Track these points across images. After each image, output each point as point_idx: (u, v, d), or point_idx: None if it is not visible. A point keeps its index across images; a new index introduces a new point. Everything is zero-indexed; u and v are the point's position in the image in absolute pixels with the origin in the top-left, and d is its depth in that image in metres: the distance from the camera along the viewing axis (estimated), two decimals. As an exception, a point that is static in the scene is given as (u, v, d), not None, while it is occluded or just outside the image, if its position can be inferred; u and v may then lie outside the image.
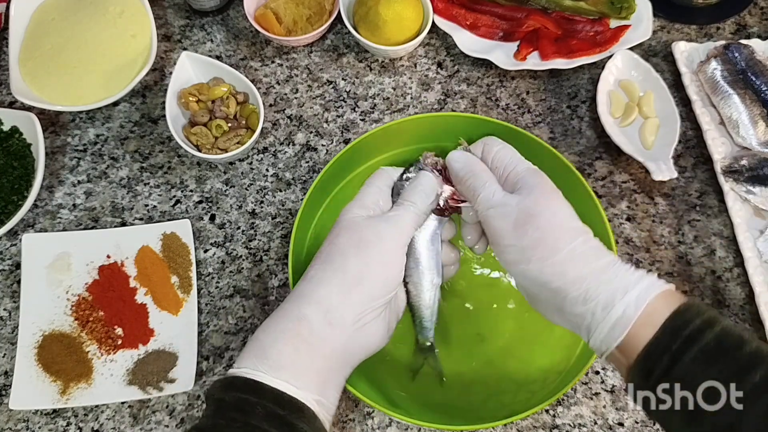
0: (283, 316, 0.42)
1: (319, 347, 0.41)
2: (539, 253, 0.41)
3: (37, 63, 0.69)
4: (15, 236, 0.67)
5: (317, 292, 0.42)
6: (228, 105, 0.69)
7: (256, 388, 0.39)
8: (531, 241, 0.41)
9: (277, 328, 0.42)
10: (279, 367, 0.40)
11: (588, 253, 0.41)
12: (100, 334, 0.61)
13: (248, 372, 0.40)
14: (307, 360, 0.40)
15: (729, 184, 0.67)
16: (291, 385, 0.39)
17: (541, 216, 0.41)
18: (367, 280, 0.42)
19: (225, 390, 0.39)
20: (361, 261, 0.43)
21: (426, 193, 0.47)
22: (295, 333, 0.41)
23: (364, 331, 0.43)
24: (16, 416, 0.59)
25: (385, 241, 0.44)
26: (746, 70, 0.70)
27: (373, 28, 0.72)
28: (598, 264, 0.40)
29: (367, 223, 0.45)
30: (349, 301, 0.42)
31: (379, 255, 0.43)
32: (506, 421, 0.52)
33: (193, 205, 0.69)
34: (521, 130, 0.59)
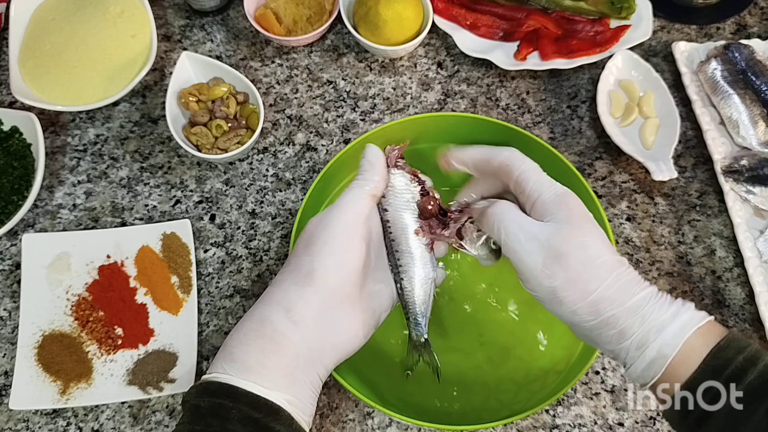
0: (248, 320, 0.43)
1: (284, 346, 0.41)
2: (571, 296, 0.39)
3: (37, 63, 0.69)
4: (15, 236, 0.67)
5: (275, 294, 0.43)
6: (228, 105, 0.69)
7: (230, 392, 0.39)
8: (562, 282, 0.39)
9: (242, 330, 0.42)
10: (247, 369, 0.40)
11: (622, 290, 0.39)
12: (100, 334, 0.61)
13: (218, 376, 0.40)
14: (275, 360, 0.40)
15: (729, 184, 0.67)
16: (260, 386, 0.39)
17: (571, 255, 0.39)
18: (318, 273, 0.42)
19: (200, 395, 0.40)
20: (308, 256, 0.43)
21: (370, 163, 0.46)
22: (259, 334, 0.41)
23: (330, 328, 0.42)
24: (16, 416, 0.59)
25: (328, 229, 0.43)
26: (746, 70, 0.70)
27: (373, 28, 0.72)
28: (633, 301, 0.38)
29: (314, 219, 0.45)
30: (306, 297, 0.42)
31: (325, 246, 0.43)
32: (506, 421, 0.52)
33: (193, 205, 0.69)
34: (521, 130, 0.59)
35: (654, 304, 0.38)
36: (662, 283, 0.65)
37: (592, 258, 0.39)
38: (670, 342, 0.37)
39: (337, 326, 0.43)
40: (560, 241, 0.40)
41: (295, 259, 0.44)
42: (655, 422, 0.59)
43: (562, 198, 0.42)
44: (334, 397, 0.60)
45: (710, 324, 0.38)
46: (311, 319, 0.42)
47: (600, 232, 0.41)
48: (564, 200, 0.41)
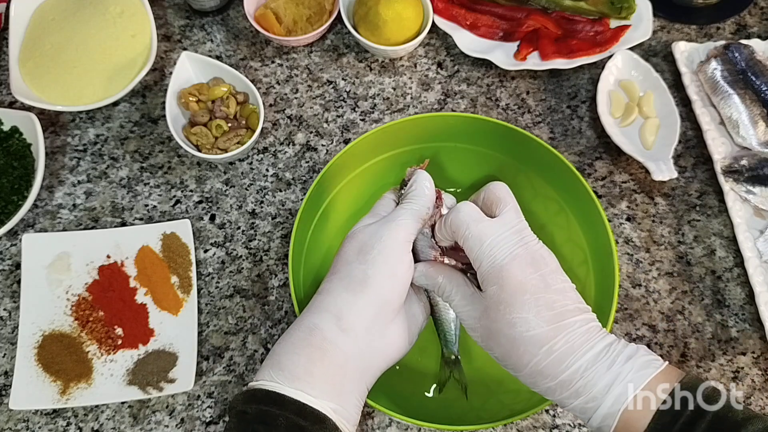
0: (296, 328, 0.42)
1: (333, 355, 0.41)
2: (511, 366, 0.41)
3: (37, 63, 0.69)
4: (15, 236, 0.67)
5: (326, 302, 0.43)
6: (228, 105, 0.69)
7: (276, 400, 0.39)
8: (499, 354, 0.41)
9: (291, 339, 0.42)
10: (294, 377, 0.40)
11: (554, 364, 0.39)
12: (100, 334, 0.61)
13: (266, 384, 0.40)
14: (321, 368, 0.40)
15: (729, 184, 0.67)
16: (307, 395, 0.39)
17: (500, 333, 0.40)
18: (372, 282, 0.42)
19: (247, 402, 0.39)
20: (363, 265, 0.43)
21: (420, 188, 0.46)
22: (308, 342, 0.41)
23: (380, 337, 0.43)
24: (16, 416, 0.59)
25: (383, 241, 0.43)
26: (746, 70, 0.70)
27: (373, 28, 0.72)
28: (566, 375, 0.39)
29: (367, 229, 0.45)
30: (357, 306, 0.42)
31: (380, 255, 0.43)
32: (506, 421, 0.52)
33: (193, 205, 0.69)
34: (521, 130, 0.59)
35: (589, 374, 0.38)
36: (662, 282, 0.65)
37: (521, 334, 0.39)
38: (607, 416, 0.38)
39: (386, 335, 0.43)
40: (490, 321, 0.41)
41: (346, 267, 0.43)
42: (655, 422, 0.59)
43: (495, 271, 0.40)
44: (334, 397, 0.60)
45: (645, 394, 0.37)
46: (362, 328, 0.42)
47: (535, 301, 0.39)
48: (498, 274, 0.40)
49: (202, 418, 0.59)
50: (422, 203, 0.46)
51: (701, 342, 0.63)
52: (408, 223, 0.45)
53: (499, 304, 0.40)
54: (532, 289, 0.40)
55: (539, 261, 0.41)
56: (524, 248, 0.41)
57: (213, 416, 0.59)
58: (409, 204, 0.45)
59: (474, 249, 0.42)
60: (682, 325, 0.63)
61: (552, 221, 0.62)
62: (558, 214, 0.62)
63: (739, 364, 0.62)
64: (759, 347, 0.62)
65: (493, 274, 0.40)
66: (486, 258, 0.41)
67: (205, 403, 0.60)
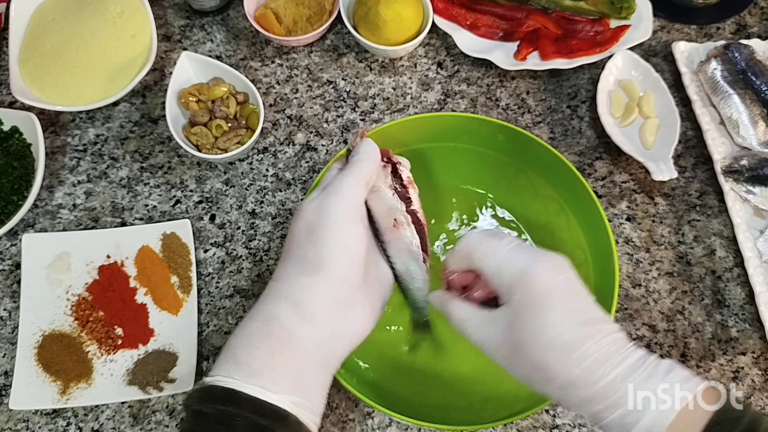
0: (252, 317, 0.40)
1: (293, 345, 0.39)
2: (538, 381, 0.38)
3: (37, 63, 0.69)
4: (15, 236, 0.67)
5: (282, 289, 0.41)
6: (228, 105, 0.69)
7: (234, 398, 0.37)
8: (526, 369, 0.38)
9: (247, 331, 0.40)
10: (253, 372, 0.37)
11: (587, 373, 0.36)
12: (100, 334, 0.62)
13: (222, 380, 0.38)
14: (282, 361, 0.38)
15: (729, 184, 0.67)
16: (267, 391, 0.37)
17: (527, 345, 0.38)
18: (327, 263, 0.40)
19: (203, 401, 0.38)
20: (314, 245, 0.40)
21: (361, 151, 0.44)
22: (266, 333, 0.39)
23: (342, 320, 0.40)
24: (16, 416, 0.59)
25: (329, 216, 0.41)
26: (746, 70, 0.70)
27: (373, 28, 0.72)
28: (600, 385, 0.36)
29: (311, 205, 0.42)
30: (316, 290, 0.40)
31: (329, 233, 0.41)
32: (506, 421, 0.52)
33: (193, 205, 0.69)
34: (521, 130, 0.59)
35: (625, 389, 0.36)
36: (662, 282, 0.65)
37: (551, 341, 0.37)
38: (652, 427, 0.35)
39: (348, 316, 0.41)
40: (516, 331, 0.38)
41: (298, 249, 0.41)
42: None
43: (519, 277, 0.39)
44: (334, 397, 0.60)
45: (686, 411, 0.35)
46: (323, 312, 0.40)
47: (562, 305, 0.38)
48: (521, 280, 0.39)
49: (202, 418, 0.59)
50: (365, 166, 0.44)
51: (701, 342, 0.63)
52: (351, 190, 0.43)
53: (526, 310, 0.38)
54: (557, 292, 0.38)
55: (559, 267, 0.39)
56: (542, 254, 0.40)
57: (213, 416, 0.59)
58: (350, 169, 0.43)
59: (492, 264, 0.40)
60: (682, 325, 0.63)
61: (552, 221, 0.62)
62: (558, 214, 0.62)
63: (739, 364, 0.62)
64: (759, 347, 0.62)
65: (516, 281, 0.39)
66: (507, 267, 0.39)
67: (205, 403, 0.60)
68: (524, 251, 0.40)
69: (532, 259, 0.39)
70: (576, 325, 0.37)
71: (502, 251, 0.40)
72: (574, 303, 0.39)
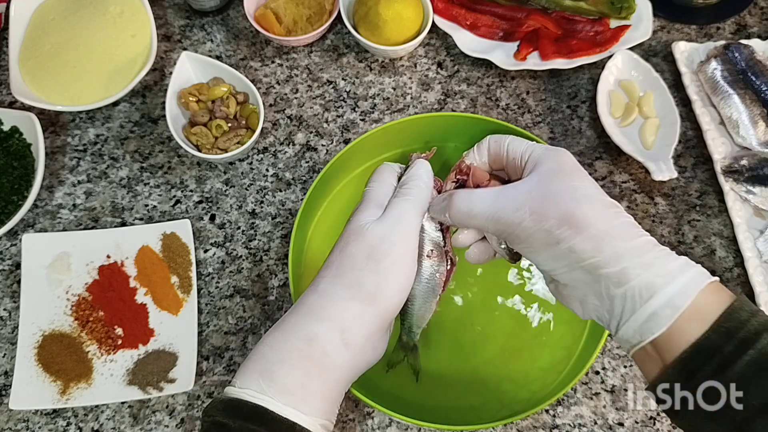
0: (292, 333, 0.39)
1: (331, 371, 0.38)
2: (566, 231, 0.36)
3: (37, 63, 0.69)
4: (15, 236, 0.67)
5: (329, 310, 0.39)
6: (228, 105, 0.69)
7: (265, 418, 0.35)
8: (556, 221, 0.36)
9: (285, 346, 0.38)
10: (287, 392, 0.36)
11: (623, 228, 0.36)
12: (100, 334, 0.62)
13: (253, 395, 0.36)
14: (318, 384, 0.37)
15: (729, 184, 0.67)
16: (299, 412, 0.36)
17: (561, 193, 0.37)
18: (384, 296, 0.39)
19: (229, 415, 0.36)
20: (375, 275, 0.39)
21: (423, 180, 0.44)
22: (306, 354, 0.38)
23: (373, 349, 0.41)
24: (16, 416, 0.59)
25: (396, 248, 0.40)
26: (746, 70, 0.70)
27: (373, 28, 0.72)
28: (637, 242, 0.36)
29: (376, 230, 0.41)
30: (364, 319, 0.39)
31: (393, 267, 0.40)
32: (506, 421, 0.52)
33: (193, 205, 0.69)
34: (521, 130, 0.59)
35: (660, 251, 0.36)
36: (662, 283, 0.65)
37: (587, 194, 0.37)
38: (682, 291, 0.34)
39: (378, 346, 0.41)
40: (548, 184, 0.38)
41: (353, 272, 0.40)
42: (655, 422, 0.59)
43: (553, 152, 0.40)
44: (334, 397, 0.60)
45: (718, 285, 0.35)
46: (363, 341, 0.39)
47: (593, 181, 0.39)
48: (554, 153, 0.40)
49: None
50: (423, 195, 0.43)
51: (701, 342, 0.63)
52: (415, 223, 0.42)
53: (559, 173, 0.39)
54: (587, 174, 0.40)
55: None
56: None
57: (213, 416, 0.59)
58: (411, 198, 0.43)
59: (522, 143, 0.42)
60: (682, 325, 0.63)
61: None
62: (558, 214, 0.62)
63: (739, 364, 0.62)
64: (759, 347, 0.62)
65: (548, 154, 0.40)
66: (539, 146, 0.41)
67: (206, 403, 0.60)
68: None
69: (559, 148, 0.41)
70: (604, 194, 0.38)
71: (527, 141, 0.42)
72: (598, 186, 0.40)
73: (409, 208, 0.42)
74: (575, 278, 0.37)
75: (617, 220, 0.37)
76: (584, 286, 0.37)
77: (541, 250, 0.38)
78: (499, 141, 0.44)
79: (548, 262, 0.38)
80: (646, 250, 0.36)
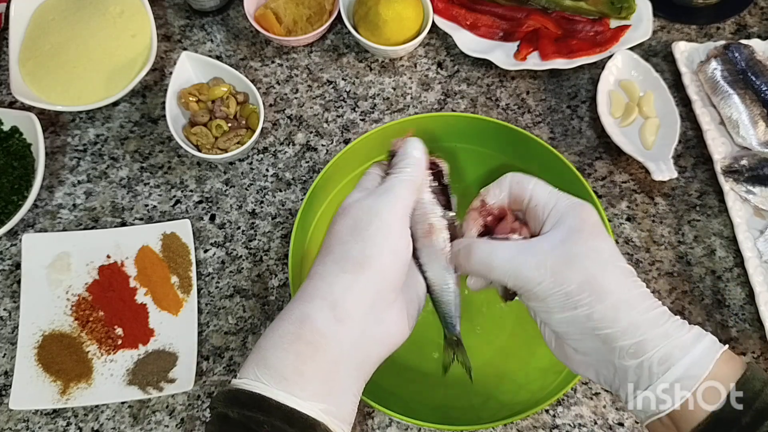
0: (285, 319, 0.38)
1: (325, 349, 0.37)
2: (587, 297, 0.36)
3: (37, 63, 0.69)
4: (15, 236, 0.67)
5: (319, 287, 0.38)
6: (228, 105, 0.69)
7: (262, 404, 0.35)
8: (576, 285, 0.36)
9: (278, 332, 0.38)
10: (282, 377, 0.36)
11: (641, 298, 0.36)
12: (100, 334, 0.62)
13: (249, 383, 0.36)
14: (313, 366, 0.36)
15: (729, 184, 0.67)
16: (296, 397, 0.35)
17: (585, 256, 0.37)
18: (372, 261, 0.38)
19: (229, 404, 0.36)
20: (360, 243, 0.39)
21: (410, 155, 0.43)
22: (297, 336, 0.37)
23: (378, 323, 0.39)
24: (16, 416, 0.59)
25: (381, 216, 0.39)
26: (746, 70, 0.70)
27: (373, 28, 0.72)
28: (653, 313, 0.36)
29: (360, 204, 0.41)
30: (356, 289, 0.38)
31: (378, 232, 0.39)
32: (506, 421, 0.52)
33: (193, 205, 0.69)
34: (521, 130, 0.59)
35: (673, 322, 0.36)
36: (662, 282, 0.65)
37: (609, 260, 0.37)
38: (699, 362, 0.34)
39: (385, 319, 0.39)
40: (571, 246, 0.38)
41: (339, 246, 0.39)
42: (655, 422, 0.59)
43: (577, 206, 0.40)
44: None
45: (730, 353, 0.36)
46: (359, 314, 0.38)
47: (613, 243, 0.39)
48: (578, 209, 0.40)
49: (202, 418, 0.59)
50: (416, 171, 0.42)
51: (701, 342, 0.63)
52: (405, 195, 0.41)
53: (582, 232, 0.38)
54: (607, 234, 0.39)
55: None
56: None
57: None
58: (402, 174, 0.42)
59: (546, 192, 0.41)
60: (682, 325, 0.63)
61: (552, 221, 0.62)
62: (558, 214, 0.62)
63: (739, 364, 0.62)
64: (759, 347, 0.62)
65: (571, 209, 0.39)
66: (562, 198, 0.40)
67: (205, 403, 0.60)
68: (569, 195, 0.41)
69: (580, 200, 0.41)
70: (623, 259, 0.38)
71: (555, 189, 0.41)
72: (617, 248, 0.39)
73: (397, 182, 0.42)
74: (587, 345, 0.37)
75: (636, 290, 0.37)
76: (596, 353, 0.37)
77: (557, 312, 0.38)
78: (521, 184, 0.42)
79: (562, 325, 0.38)
80: (662, 321, 0.36)
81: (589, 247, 0.37)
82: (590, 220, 0.39)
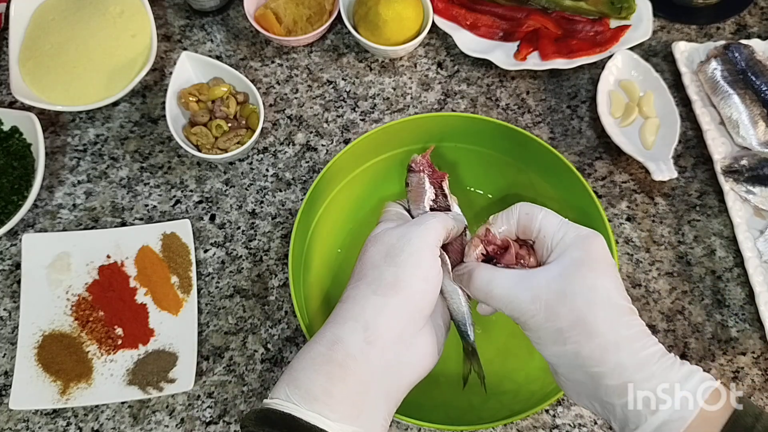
0: (317, 341, 0.39)
1: (355, 371, 0.37)
2: (576, 336, 0.37)
3: (37, 63, 0.69)
4: (15, 236, 0.67)
5: (351, 310, 0.39)
6: (228, 105, 0.69)
7: (291, 424, 0.35)
8: (567, 322, 0.37)
9: (310, 354, 0.38)
10: (311, 398, 0.36)
11: (632, 340, 0.36)
12: (100, 334, 0.62)
13: (280, 403, 0.36)
14: (342, 388, 0.37)
15: (729, 184, 0.67)
16: (325, 418, 0.35)
17: (577, 295, 0.37)
18: (405, 285, 0.39)
19: (259, 424, 0.36)
20: (393, 267, 0.40)
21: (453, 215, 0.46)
22: (329, 358, 0.37)
23: (408, 348, 0.39)
24: (16, 416, 0.59)
25: (413, 243, 0.41)
26: (746, 70, 0.70)
27: (373, 28, 0.72)
28: (643, 354, 0.36)
29: (392, 232, 0.42)
30: (387, 311, 0.39)
31: (411, 258, 0.40)
32: (506, 421, 0.52)
33: (193, 205, 0.69)
34: (521, 130, 0.59)
35: (665, 362, 0.36)
36: (662, 282, 0.65)
37: (603, 299, 0.37)
38: (689, 403, 0.34)
39: (415, 344, 0.40)
40: (568, 281, 0.38)
41: (372, 271, 0.40)
42: None
43: (584, 238, 0.40)
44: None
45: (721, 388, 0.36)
46: (390, 337, 0.38)
47: (616, 277, 0.39)
48: (585, 241, 0.39)
49: (202, 418, 0.59)
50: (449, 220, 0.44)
51: (701, 342, 0.63)
52: (438, 227, 0.42)
53: (582, 267, 0.38)
54: (611, 264, 0.39)
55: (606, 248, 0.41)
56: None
57: (213, 416, 0.59)
58: (439, 214, 0.44)
59: (554, 223, 0.41)
60: (682, 325, 0.63)
61: (552, 221, 0.62)
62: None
63: (739, 364, 0.62)
64: (759, 347, 0.62)
65: (579, 241, 0.39)
66: (571, 228, 0.40)
67: (205, 403, 0.60)
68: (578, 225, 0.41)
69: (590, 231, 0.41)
70: (626, 299, 0.38)
71: (565, 219, 0.42)
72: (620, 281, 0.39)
73: (432, 216, 0.43)
74: (577, 378, 0.38)
75: (628, 331, 0.37)
76: (584, 388, 0.38)
77: (549, 345, 0.38)
78: (530, 215, 0.42)
79: (553, 358, 0.39)
80: (652, 362, 0.36)
81: (586, 284, 0.37)
82: (594, 254, 0.39)
